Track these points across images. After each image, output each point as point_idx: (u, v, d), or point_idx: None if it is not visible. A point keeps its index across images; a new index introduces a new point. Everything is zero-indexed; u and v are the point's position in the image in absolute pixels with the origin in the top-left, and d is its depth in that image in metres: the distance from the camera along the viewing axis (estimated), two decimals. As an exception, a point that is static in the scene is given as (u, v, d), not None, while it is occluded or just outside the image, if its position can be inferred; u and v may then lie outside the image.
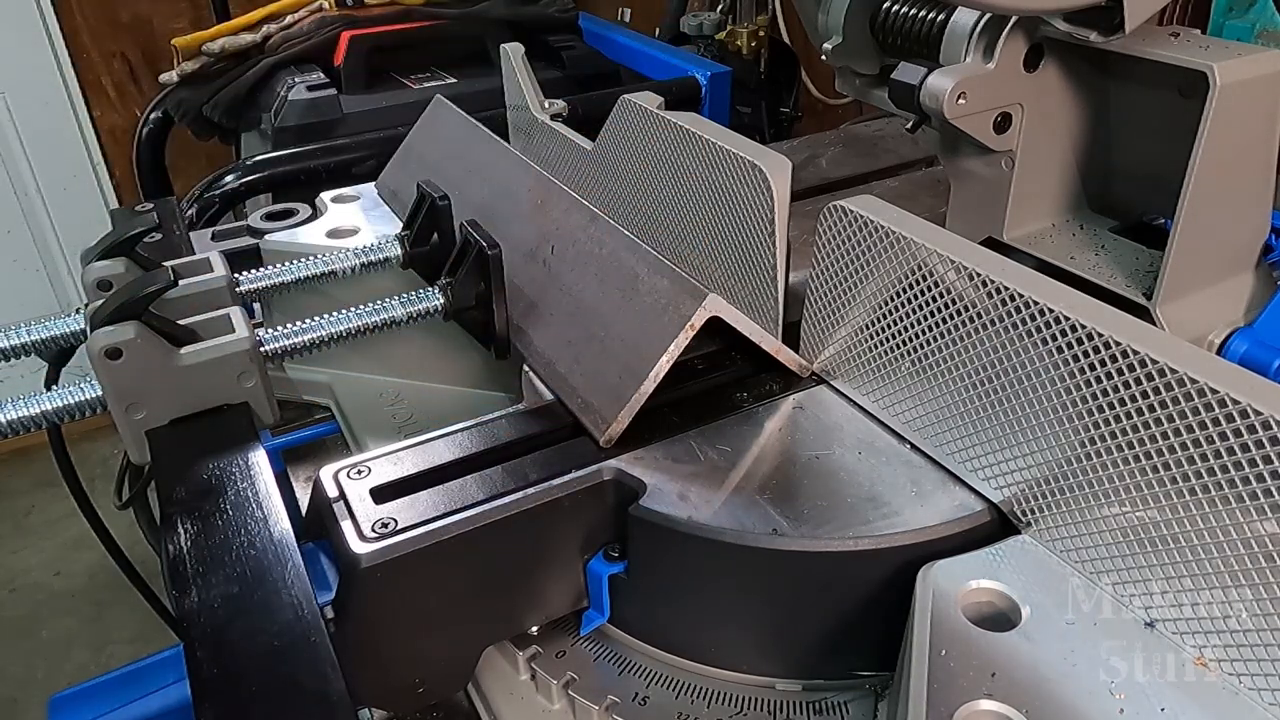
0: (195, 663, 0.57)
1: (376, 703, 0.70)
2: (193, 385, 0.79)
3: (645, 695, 0.72)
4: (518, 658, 0.75)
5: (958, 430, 0.69)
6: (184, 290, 0.85)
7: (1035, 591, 0.61)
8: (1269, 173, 0.85)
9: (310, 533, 0.73)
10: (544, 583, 0.73)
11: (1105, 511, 0.60)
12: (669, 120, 0.90)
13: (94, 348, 0.74)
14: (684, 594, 0.72)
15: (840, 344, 0.79)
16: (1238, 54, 0.79)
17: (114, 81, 2.97)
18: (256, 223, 1.10)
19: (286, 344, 0.85)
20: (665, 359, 0.74)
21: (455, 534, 0.66)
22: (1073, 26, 0.84)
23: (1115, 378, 0.58)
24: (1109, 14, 0.82)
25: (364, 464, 0.72)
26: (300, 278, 0.96)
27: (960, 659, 0.56)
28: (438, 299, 0.89)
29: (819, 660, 0.71)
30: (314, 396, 1.04)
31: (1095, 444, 0.60)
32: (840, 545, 0.65)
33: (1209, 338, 0.88)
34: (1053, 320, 0.61)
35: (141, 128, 2.12)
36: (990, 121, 0.92)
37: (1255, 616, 0.54)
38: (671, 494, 0.69)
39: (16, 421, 0.76)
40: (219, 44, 1.93)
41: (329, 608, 0.66)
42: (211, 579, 0.63)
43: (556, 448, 0.75)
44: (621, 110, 0.97)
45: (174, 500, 0.70)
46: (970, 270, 0.67)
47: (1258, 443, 0.52)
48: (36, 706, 0.86)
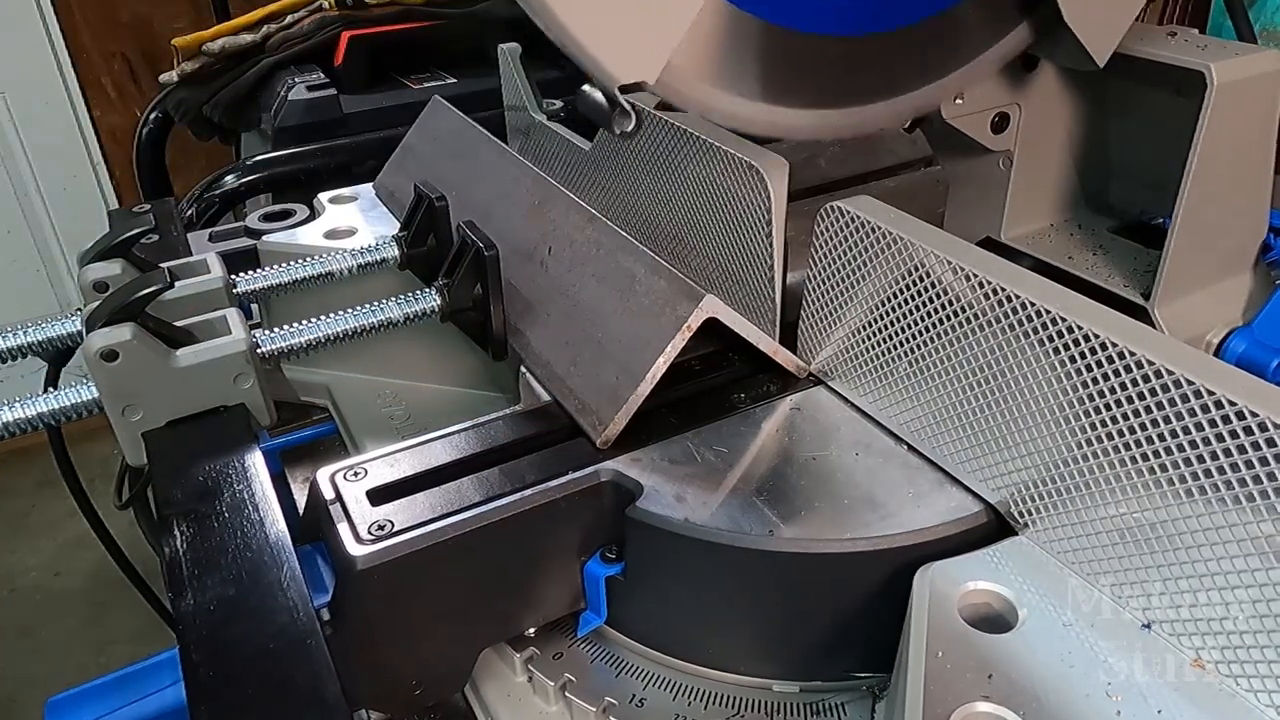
0: (191, 665, 0.57)
1: (373, 705, 0.70)
2: (189, 387, 0.79)
3: (642, 697, 0.72)
4: (515, 660, 0.75)
5: (955, 431, 0.69)
6: (181, 291, 0.85)
7: (1033, 593, 0.61)
8: (1267, 172, 0.85)
9: (307, 535, 0.73)
10: (541, 584, 0.73)
11: (1103, 513, 0.60)
12: (667, 120, 0.90)
13: (90, 349, 0.74)
14: (681, 596, 0.72)
15: (837, 345, 0.79)
16: (1235, 53, 0.78)
17: (114, 81, 2.97)
18: (254, 224, 1.10)
19: (283, 345, 0.85)
20: (662, 360, 0.74)
21: (452, 536, 0.66)
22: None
23: (1112, 379, 0.58)
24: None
25: (361, 465, 0.72)
26: (297, 279, 0.96)
27: (957, 661, 0.56)
28: (435, 300, 0.89)
29: (816, 662, 0.71)
30: (311, 398, 1.04)
31: (1093, 445, 0.60)
32: (837, 547, 0.65)
33: (1207, 338, 0.88)
34: (1050, 321, 0.61)
35: (141, 128, 2.12)
36: (988, 121, 0.92)
37: (1253, 618, 0.54)
38: (669, 495, 0.69)
39: (15, 423, 0.76)
40: (219, 44, 1.93)
41: (325, 610, 0.66)
42: (208, 581, 0.63)
43: (553, 449, 0.74)
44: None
45: (171, 502, 0.70)
46: (967, 271, 0.67)
47: (1255, 444, 0.52)
48: (36, 707, 0.86)
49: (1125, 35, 0.83)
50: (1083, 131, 0.98)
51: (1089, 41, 0.83)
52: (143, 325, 0.76)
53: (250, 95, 1.95)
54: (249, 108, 1.97)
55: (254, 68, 1.94)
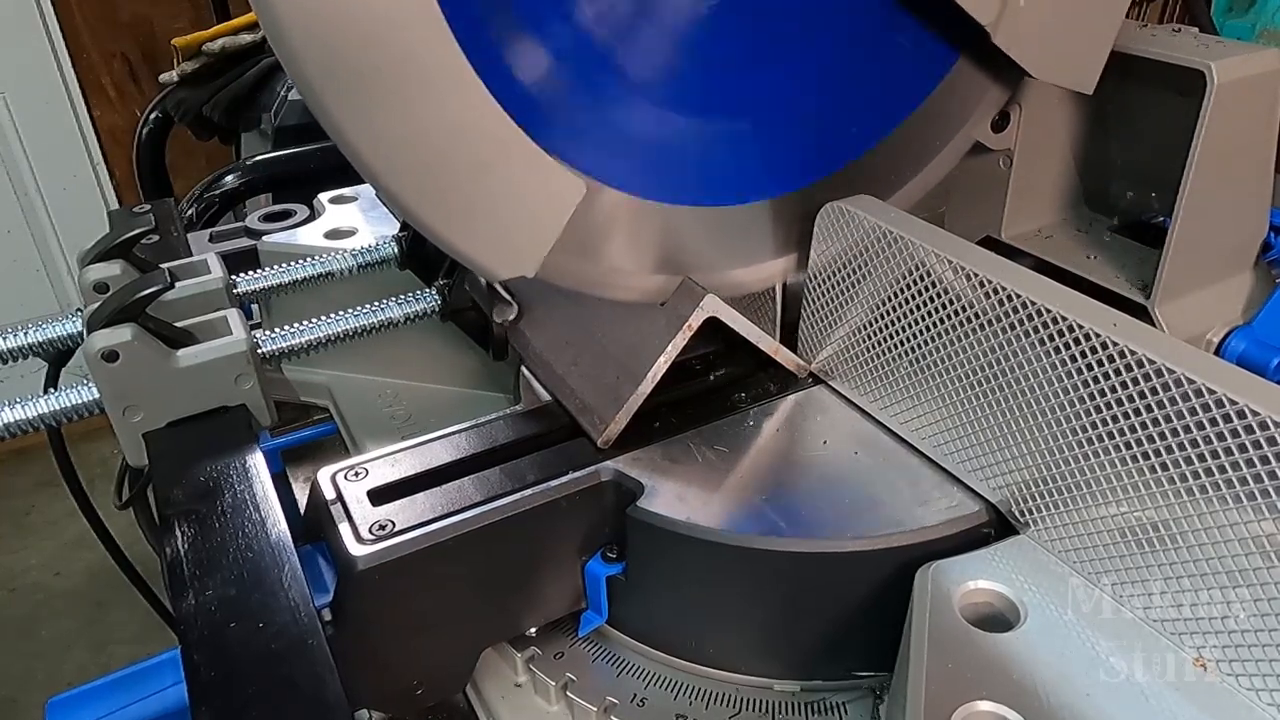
0: (193, 665, 0.57)
1: (375, 705, 0.70)
2: (190, 387, 0.79)
3: (643, 696, 0.72)
4: (516, 659, 0.75)
5: (956, 430, 0.69)
6: (181, 292, 0.85)
7: (1034, 592, 0.61)
8: (1267, 171, 0.85)
9: (308, 535, 0.73)
10: (542, 584, 0.73)
11: (1104, 512, 0.60)
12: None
13: (91, 350, 0.74)
14: (682, 595, 0.72)
15: (838, 344, 0.79)
16: (1235, 52, 0.78)
17: (114, 81, 2.97)
18: (254, 224, 1.10)
19: (284, 345, 0.85)
20: (663, 359, 0.74)
21: (453, 536, 0.66)
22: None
23: (1113, 378, 0.58)
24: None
25: (362, 465, 0.72)
26: (298, 279, 0.96)
27: (958, 660, 0.56)
28: (435, 300, 0.89)
29: (817, 661, 0.71)
30: (312, 398, 1.04)
31: (1093, 444, 0.60)
32: (838, 546, 0.65)
33: (1207, 336, 0.88)
34: (1050, 320, 0.61)
35: (141, 128, 2.12)
36: (988, 121, 0.92)
37: (1253, 617, 0.54)
38: (669, 495, 0.69)
39: (16, 423, 0.76)
40: (219, 44, 1.93)
41: (327, 610, 0.66)
42: (209, 581, 0.63)
43: (554, 449, 0.74)
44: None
45: (171, 503, 0.70)
46: (967, 270, 0.66)
47: (1255, 443, 0.52)
48: (36, 707, 0.86)
49: (1125, 35, 0.83)
50: (1083, 130, 0.98)
51: (1071, 83, 0.84)
52: (143, 326, 0.76)
53: (250, 95, 1.95)
54: (249, 108, 1.97)
55: (254, 68, 1.94)
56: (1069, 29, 0.81)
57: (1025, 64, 0.81)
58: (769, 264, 0.83)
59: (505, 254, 0.69)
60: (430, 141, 0.62)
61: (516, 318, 0.81)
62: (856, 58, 0.81)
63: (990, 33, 0.77)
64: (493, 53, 0.65)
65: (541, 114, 0.68)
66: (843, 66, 0.80)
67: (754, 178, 0.81)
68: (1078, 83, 0.83)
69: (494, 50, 0.65)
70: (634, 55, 0.71)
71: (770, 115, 0.79)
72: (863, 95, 0.83)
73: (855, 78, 0.81)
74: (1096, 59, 0.82)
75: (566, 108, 0.70)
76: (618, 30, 0.70)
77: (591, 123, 0.72)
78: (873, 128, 0.85)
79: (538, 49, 0.68)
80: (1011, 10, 0.76)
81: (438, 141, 0.62)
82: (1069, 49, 0.82)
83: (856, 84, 0.82)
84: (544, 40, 0.68)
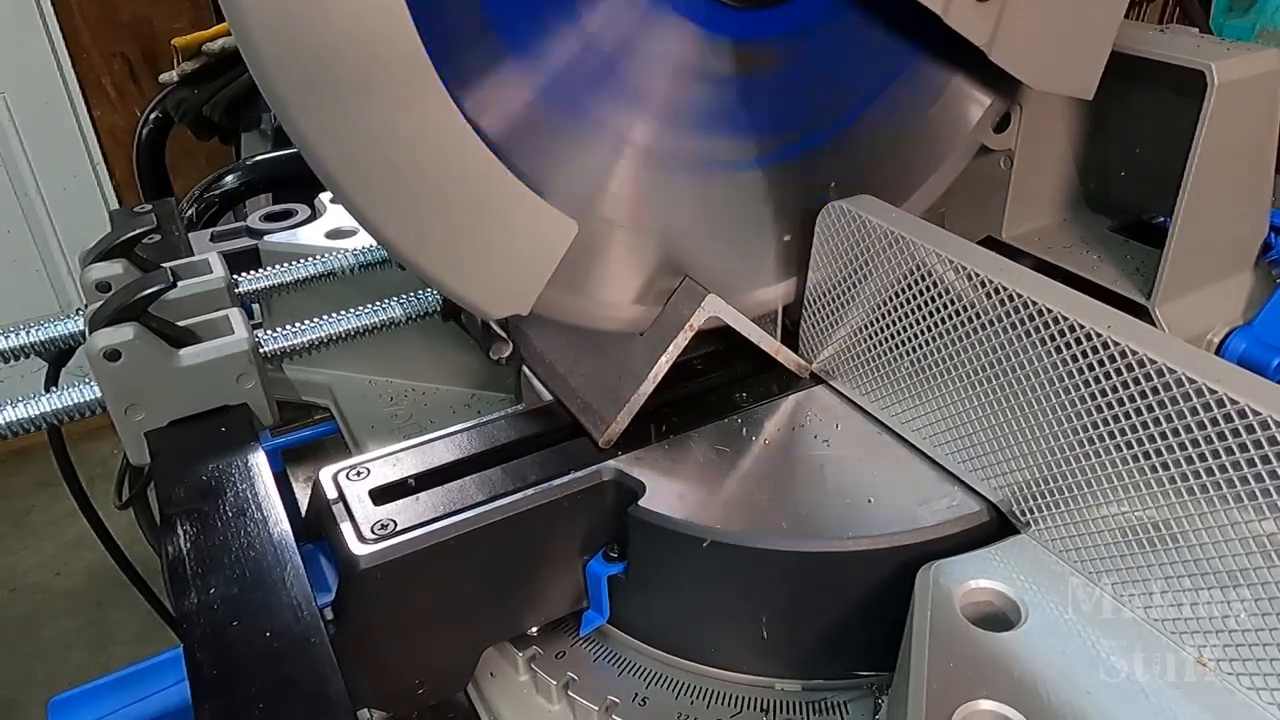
0: (195, 664, 0.57)
1: (376, 704, 0.70)
2: (192, 387, 0.79)
3: (645, 696, 0.72)
4: (517, 658, 0.75)
5: (957, 430, 0.69)
6: (183, 292, 0.86)
7: (1035, 591, 0.61)
8: (1267, 171, 0.85)
9: (310, 534, 0.73)
10: (543, 583, 0.73)
11: (1104, 511, 0.60)
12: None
13: (93, 349, 0.74)
14: (683, 594, 0.72)
15: (839, 344, 0.79)
16: (1235, 52, 0.79)
17: (114, 81, 2.97)
18: (255, 223, 1.11)
19: (285, 345, 0.85)
20: (665, 359, 0.74)
21: (454, 535, 0.66)
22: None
23: (1114, 377, 0.58)
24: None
25: (363, 465, 0.72)
26: (299, 278, 0.96)
27: (959, 659, 0.56)
28: (437, 299, 0.89)
29: (818, 660, 0.71)
30: (313, 397, 1.04)
31: (1094, 444, 0.60)
32: (839, 545, 0.65)
33: (1208, 336, 0.88)
34: (1051, 320, 0.61)
35: (141, 128, 2.12)
36: (989, 121, 0.92)
37: (1254, 616, 0.54)
38: (671, 494, 0.69)
39: (16, 423, 0.76)
40: (219, 44, 1.93)
41: (329, 609, 0.66)
42: (211, 580, 0.63)
43: (556, 448, 0.75)
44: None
45: (173, 501, 0.71)
46: (968, 270, 0.67)
47: (1256, 442, 0.52)
48: (36, 707, 0.86)
49: (1125, 36, 0.83)
50: (1083, 131, 0.98)
51: (1071, 91, 0.85)
52: (145, 325, 0.76)
53: (250, 95, 1.95)
54: (249, 108, 1.97)
55: (254, 68, 1.93)
56: (1065, 39, 0.81)
57: (1023, 77, 0.82)
58: (765, 291, 0.84)
59: (499, 294, 0.70)
60: (420, 183, 0.64)
61: (512, 354, 0.83)
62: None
63: (986, 51, 0.78)
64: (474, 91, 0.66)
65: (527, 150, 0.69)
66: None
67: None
68: (1077, 90, 0.84)
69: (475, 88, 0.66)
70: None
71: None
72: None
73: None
74: (1095, 65, 0.82)
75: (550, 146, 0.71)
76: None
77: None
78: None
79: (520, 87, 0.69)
80: (1006, 28, 0.77)
81: (427, 183, 0.64)
82: (1066, 58, 0.82)
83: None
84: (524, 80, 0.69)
